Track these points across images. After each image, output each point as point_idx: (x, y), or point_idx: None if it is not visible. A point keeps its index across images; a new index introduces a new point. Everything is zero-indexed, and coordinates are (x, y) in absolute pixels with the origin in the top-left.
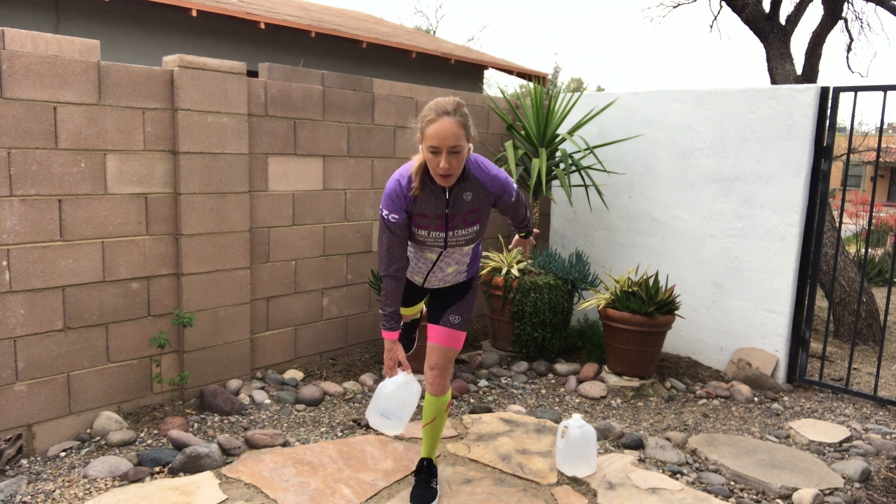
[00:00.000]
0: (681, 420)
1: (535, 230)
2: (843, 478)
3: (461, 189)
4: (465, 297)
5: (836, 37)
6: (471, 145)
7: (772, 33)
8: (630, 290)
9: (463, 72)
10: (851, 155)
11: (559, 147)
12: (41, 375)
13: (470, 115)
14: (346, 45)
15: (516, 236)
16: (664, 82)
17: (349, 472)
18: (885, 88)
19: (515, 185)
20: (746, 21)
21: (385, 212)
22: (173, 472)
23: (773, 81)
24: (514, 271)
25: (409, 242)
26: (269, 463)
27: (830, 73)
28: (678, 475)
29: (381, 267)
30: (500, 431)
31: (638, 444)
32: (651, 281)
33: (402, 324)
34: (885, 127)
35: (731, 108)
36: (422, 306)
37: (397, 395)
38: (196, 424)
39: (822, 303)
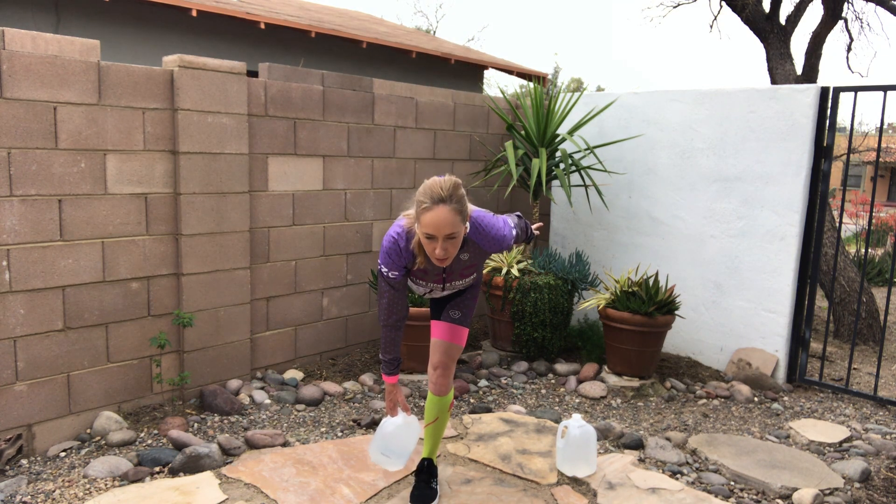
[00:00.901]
0: (681, 420)
1: (535, 232)
2: (843, 478)
3: (459, 253)
4: (466, 293)
5: (836, 37)
6: (468, 226)
7: (772, 33)
8: (630, 290)
9: (463, 72)
10: (851, 155)
11: (559, 147)
12: (41, 375)
13: (465, 198)
14: (346, 45)
15: None
16: (664, 82)
17: (349, 472)
18: (885, 88)
19: (514, 233)
20: (746, 21)
21: (384, 269)
22: (173, 472)
23: (773, 81)
24: (514, 271)
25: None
26: (269, 463)
27: (830, 73)
28: (678, 475)
29: (380, 318)
30: (500, 431)
31: (638, 444)
32: (651, 281)
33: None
34: (885, 127)
35: (731, 108)
36: None
37: (397, 435)
38: (196, 424)
39: (822, 303)
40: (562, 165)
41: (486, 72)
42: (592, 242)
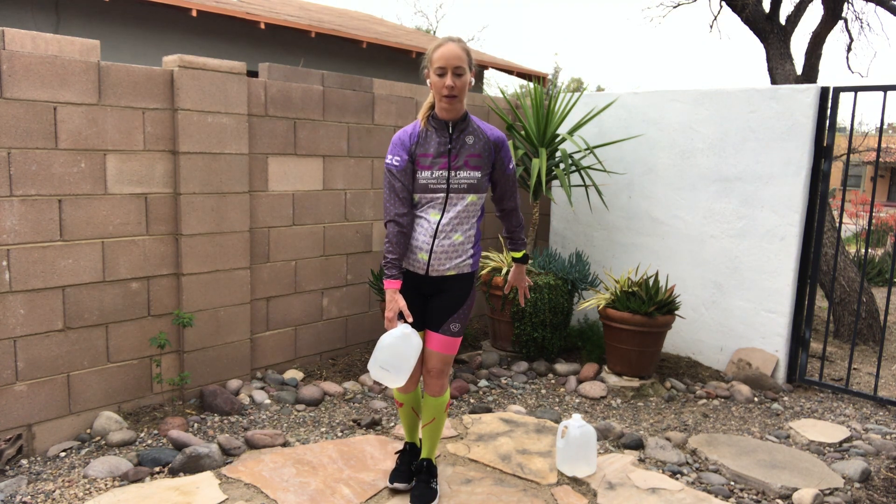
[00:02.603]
0: (681, 420)
1: (528, 288)
2: (843, 478)
3: (463, 130)
4: (465, 303)
5: (836, 37)
6: (472, 80)
7: (772, 33)
8: (630, 290)
9: None
10: (851, 155)
11: (559, 147)
12: (41, 375)
13: (471, 53)
14: (346, 45)
15: (513, 268)
16: (664, 82)
17: (349, 472)
18: (885, 88)
19: (513, 160)
20: (746, 21)
21: (388, 158)
22: (173, 473)
23: (773, 81)
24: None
25: (412, 201)
26: (269, 463)
27: (830, 73)
28: (678, 475)
29: (386, 214)
30: (500, 431)
31: (638, 445)
32: (651, 281)
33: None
34: (885, 127)
35: (731, 108)
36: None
37: (395, 347)
38: (196, 424)
39: (822, 303)
40: (562, 165)
41: (486, 72)
42: (592, 242)
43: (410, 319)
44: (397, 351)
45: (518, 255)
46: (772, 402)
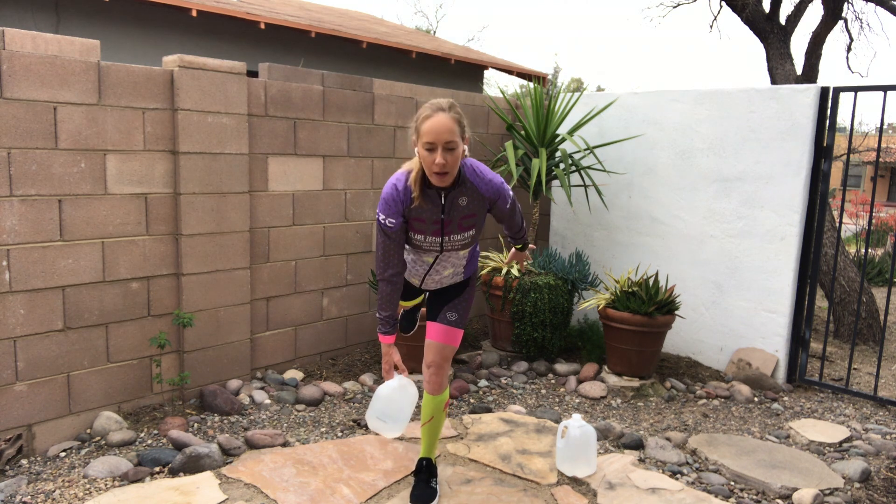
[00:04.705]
0: (681, 420)
1: (531, 245)
2: (843, 478)
3: (457, 194)
4: (462, 294)
5: (836, 37)
6: (466, 148)
7: (772, 33)
8: (630, 290)
9: (463, 72)
10: (851, 155)
11: (559, 147)
12: (41, 375)
13: (465, 116)
14: (346, 45)
15: (513, 249)
16: (664, 82)
17: (349, 472)
18: (885, 88)
19: (511, 192)
20: (746, 21)
21: (382, 216)
22: (173, 473)
23: (773, 81)
24: (514, 271)
25: (406, 247)
26: (269, 463)
27: (830, 73)
28: (678, 475)
29: (377, 271)
30: (500, 431)
31: (638, 444)
32: (651, 281)
33: (402, 311)
34: (885, 127)
35: (731, 108)
36: (422, 298)
37: (393, 398)
38: (196, 424)
39: (822, 303)
40: (562, 165)
41: (486, 72)
42: (592, 242)
43: (406, 374)
44: (394, 402)
45: (519, 246)
46: (772, 402)
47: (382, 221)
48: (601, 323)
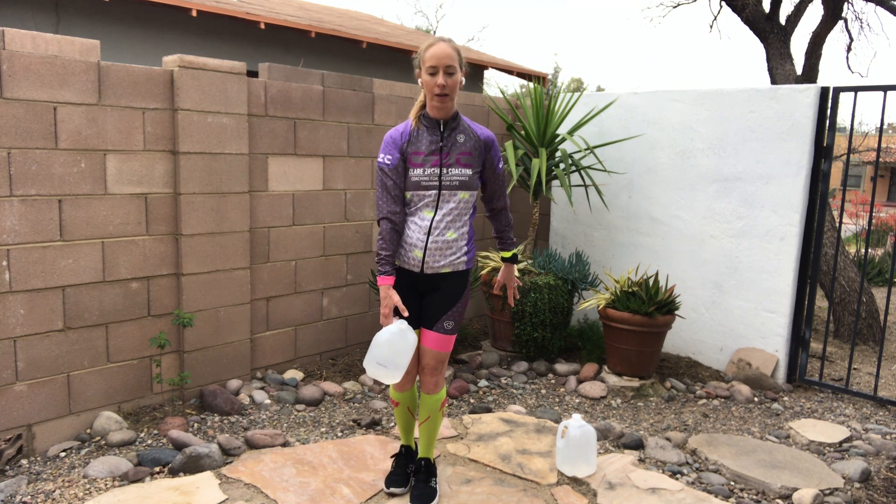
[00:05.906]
0: (681, 420)
1: (517, 282)
2: (843, 478)
3: (454, 128)
4: (459, 301)
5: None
6: (463, 80)
7: (772, 33)
8: (630, 290)
9: None
10: (851, 155)
11: (559, 147)
12: (41, 375)
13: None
14: (346, 45)
15: (503, 267)
16: (664, 82)
17: (349, 472)
18: (885, 88)
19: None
20: (746, 21)
21: (380, 157)
22: (173, 473)
23: (773, 81)
24: (514, 271)
25: (405, 200)
26: (269, 463)
27: (830, 73)
28: (678, 475)
29: (378, 210)
30: (500, 431)
31: (638, 444)
32: (651, 281)
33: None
34: (885, 127)
35: (731, 108)
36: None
37: (392, 343)
38: (196, 424)
39: (822, 303)
40: (562, 165)
41: (486, 72)
42: (592, 242)
43: (406, 314)
44: (393, 347)
45: (507, 254)
46: (772, 402)
47: (381, 161)
48: (601, 323)
